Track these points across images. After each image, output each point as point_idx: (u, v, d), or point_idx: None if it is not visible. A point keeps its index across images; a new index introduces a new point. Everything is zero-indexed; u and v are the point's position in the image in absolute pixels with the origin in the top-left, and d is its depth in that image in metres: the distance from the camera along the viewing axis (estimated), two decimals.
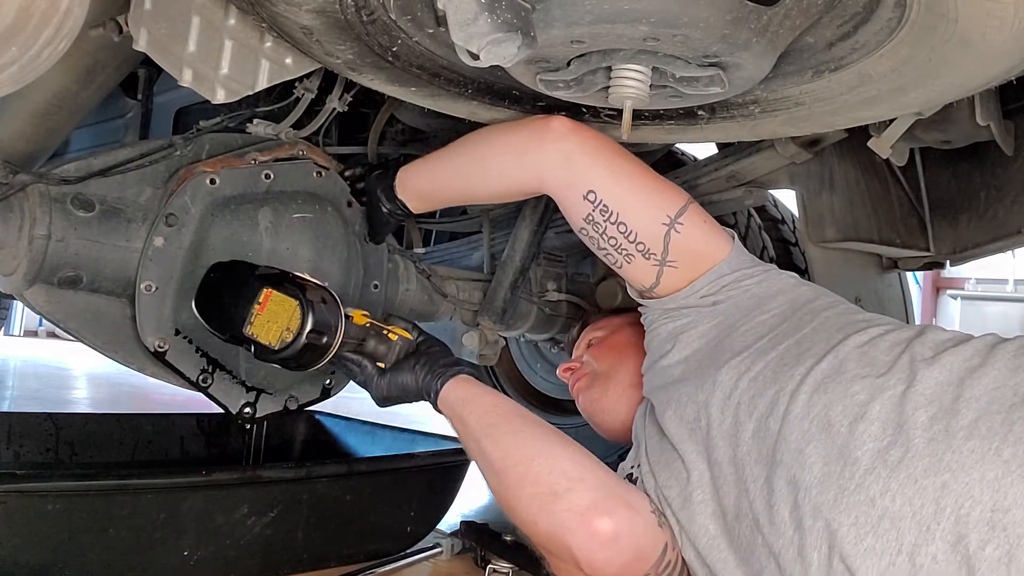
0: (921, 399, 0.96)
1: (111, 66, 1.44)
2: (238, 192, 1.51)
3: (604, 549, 1.06)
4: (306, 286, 1.29)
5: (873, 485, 0.92)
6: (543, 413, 2.59)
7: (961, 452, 0.89)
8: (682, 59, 1.02)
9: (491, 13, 0.86)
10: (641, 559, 1.09)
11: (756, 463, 1.05)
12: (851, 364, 1.05)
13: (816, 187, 1.77)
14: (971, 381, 0.96)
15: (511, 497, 1.13)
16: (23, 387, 5.10)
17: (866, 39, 1.05)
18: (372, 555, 1.68)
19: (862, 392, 1.00)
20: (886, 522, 0.90)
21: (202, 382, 1.50)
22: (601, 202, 1.30)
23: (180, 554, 1.41)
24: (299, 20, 1.08)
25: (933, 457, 0.90)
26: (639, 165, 1.36)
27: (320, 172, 1.61)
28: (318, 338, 1.27)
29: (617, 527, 1.07)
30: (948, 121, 1.49)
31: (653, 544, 1.11)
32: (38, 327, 9.39)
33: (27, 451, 1.90)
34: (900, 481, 0.91)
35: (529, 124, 1.37)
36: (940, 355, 1.02)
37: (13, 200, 1.34)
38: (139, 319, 1.43)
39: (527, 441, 1.16)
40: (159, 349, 1.44)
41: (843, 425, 0.98)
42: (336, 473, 1.66)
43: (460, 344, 2.07)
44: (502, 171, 1.42)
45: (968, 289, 9.03)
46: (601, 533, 1.06)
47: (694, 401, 1.17)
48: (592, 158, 1.32)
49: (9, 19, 0.78)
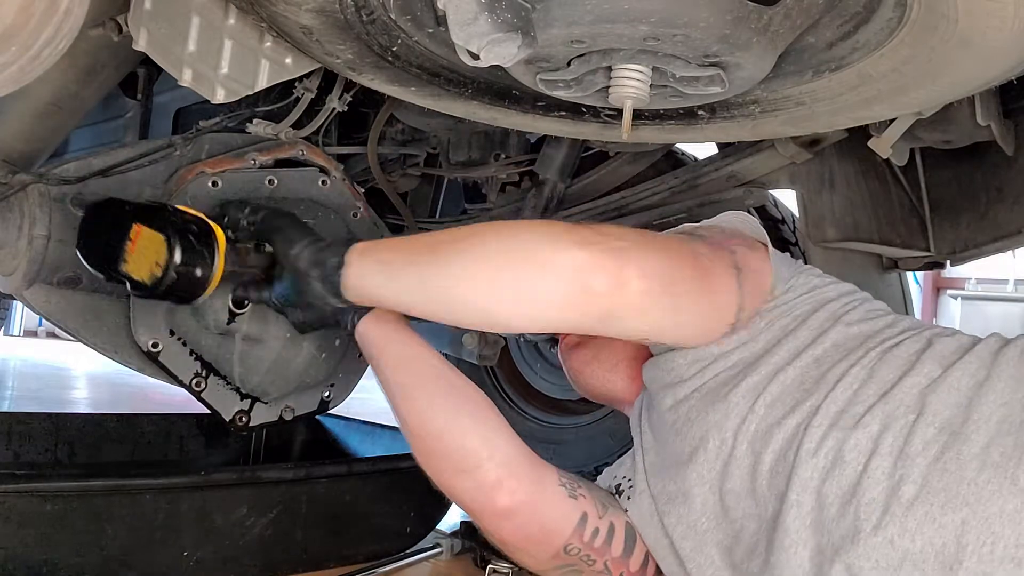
0: (931, 430, 0.94)
1: (111, 66, 1.43)
2: (240, 196, 1.47)
3: (506, 522, 1.13)
4: (178, 218, 1.25)
5: (890, 526, 0.90)
6: (543, 412, 2.59)
7: (977, 484, 0.88)
8: (682, 59, 1.02)
9: (491, 13, 0.86)
10: (551, 531, 1.14)
11: (772, 498, 1.03)
12: (865, 392, 1.02)
13: (816, 187, 1.77)
14: (979, 399, 0.95)
15: (424, 464, 1.19)
16: (23, 387, 5.10)
17: (866, 39, 1.05)
18: (372, 555, 1.68)
19: (874, 423, 0.98)
20: (908, 565, 0.88)
21: (195, 386, 1.49)
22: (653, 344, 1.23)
23: (179, 554, 1.41)
24: (299, 20, 1.08)
25: (948, 492, 0.89)
26: (693, 278, 1.13)
27: (325, 181, 1.58)
28: (189, 271, 1.22)
29: (518, 502, 1.12)
30: (948, 121, 1.49)
31: (563, 516, 1.15)
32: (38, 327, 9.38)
33: (27, 451, 1.91)
34: (918, 520, 0.89)
35: (538, 260, 1.06)
36: (948, 371, 1.00)
37: (13, 200, 1.34)
38: (132, 318, 1.42)
39: (439, 413, 1.17)
40: (152, 349, 1.43)
41: (858, 463, 0.96)
42: (336, 473, 1.66)
43: (460, 344, 2.07)
44: (498, 313, 1.13)
45: (968, 289, 9.02)
46: (502, 508, 1.12)
47: (704, 421, 1.12)
48: (641, 314, 1.09)
49: (9, 19, 0.78)
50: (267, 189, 1.52)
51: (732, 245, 1.19)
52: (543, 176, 1.98)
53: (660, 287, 1.08)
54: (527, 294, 1.08)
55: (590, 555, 1.16)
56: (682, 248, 1.15)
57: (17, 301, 1.61)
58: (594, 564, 1.17)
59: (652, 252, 1.10)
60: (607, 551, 1.17)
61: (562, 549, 1.15)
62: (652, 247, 1.12)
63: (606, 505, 1.20)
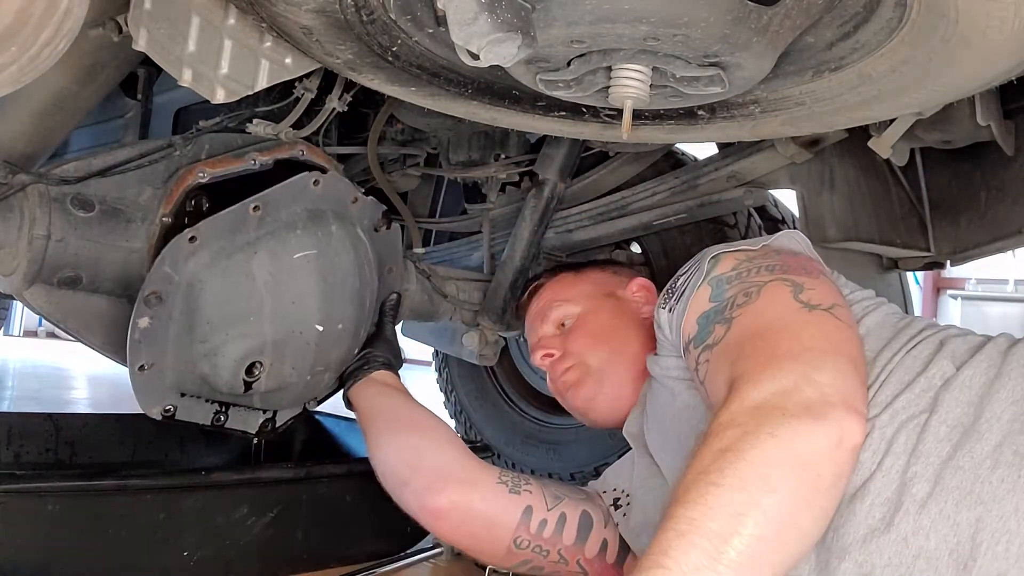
0: (943, 428, 0.95)
1: (111, 66, 1.43)
2: (224, 242, 1.36)
3: (444, 522, 1.23)
4: None
5: (904, 524, 0.90)
6: (543, 413, 2.59)
7: (991, 483, 0.88)
8: (682, 59, 1.02)
9: (491, 13, 0.86)
10: (493, 525, 1.23)
11: None
12: (881, 395, 1.02)
13: (816, 187, 1.77)
14: (990, 397, 0.95)
15: (383, 485, 1.33)
16: (23, 387, 5.10)
17: (866, 39, 1.05)
18: (372, 555, 1.68)
19: (889, 425, 0.98)
20: (922, 562, 0.88)
21: (216, 423, 1.50)
22: None
23: (180, 554, 1.41)
24: (299, 20, 1.08)
25: (962, 490, 0.89)
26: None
27: (317, 180, 1.46)
28: None
29: (450, 503, 1.22)
30: (948, 121, 1.49)
31: (503, 510, 1.23)
32: (38, 327, 9.39)
33: (27, 451, 1.91)
34: (932, 518, 0.89)
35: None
36: (961, 370, 1.00)
37: (13, 200, 1.34)
38: (138, 397, 1.39)
39: (386, 439, 1.36)
40: (166, 414, 1.42)
41: (873, 462, 0.96)
42: (336, 473, 1.66)
43: (460, 344, 2.07)
44: None
45: (968, 289, 9.02)
46: (436, 510, 1.23)
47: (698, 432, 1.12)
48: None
49: (8, 19, 0.78)
50: (254, 221, 1.38)
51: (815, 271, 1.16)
52: (543, 176, 1.98)
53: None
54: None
55: (541, 546, 1.23)
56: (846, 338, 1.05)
57: (17, 301, 1.60)
58: (548, 555, 1.24)
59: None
60: (558, 540, 1.23)
61: (512, 543, 1.22)
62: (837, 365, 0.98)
63: (559, 497, 1.26)
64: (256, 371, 1.43)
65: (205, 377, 1.41)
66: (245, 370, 1.43)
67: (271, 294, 1.40)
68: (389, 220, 1.62)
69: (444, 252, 2.43)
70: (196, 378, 1.41)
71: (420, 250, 2.03)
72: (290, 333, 1.44)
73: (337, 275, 1.47)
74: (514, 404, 2.68)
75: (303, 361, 1.47)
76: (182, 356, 1.39)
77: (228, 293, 1.38)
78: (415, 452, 1.31)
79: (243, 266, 1.38)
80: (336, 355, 1.52)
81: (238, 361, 1.41)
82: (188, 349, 1.38)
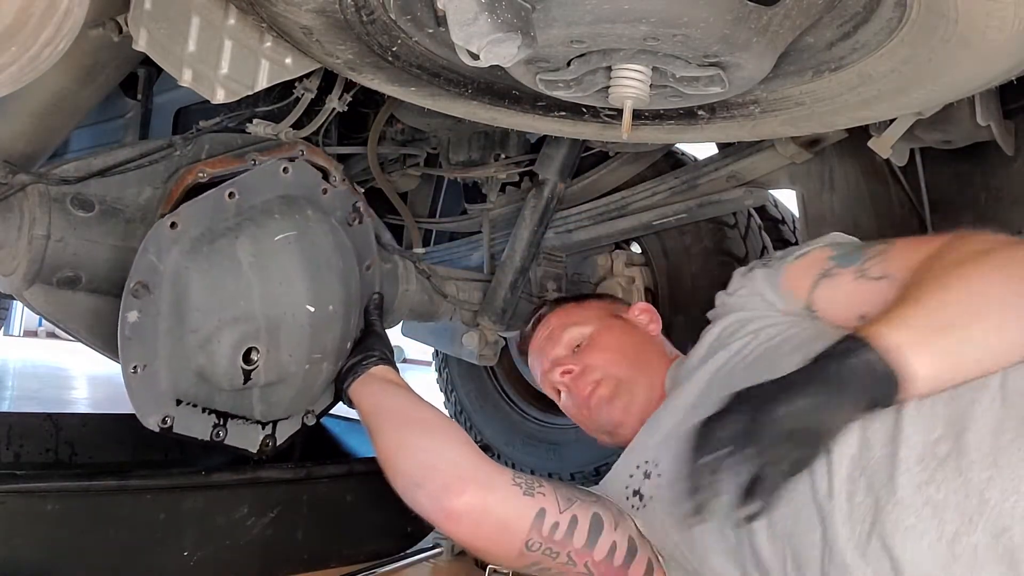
0: (967, 390, 0.97)
1: (111, 66, 1.43)
2: (206, 227, 1.37)
3: (460, 525, 1.21)
4: None
5: (921, 474, 0.94)
6: (543, 413, 2.59)
7: (1009, 451, 0.91)
8: (682, 59, 1.02)
9: (491, 13, 0.86)
10: (507, 528, 1.21)
11: None
12: None
13: (816, 187, 1.77)
14: (1014, 370, 0.97)
15: (395, 488, 1.29)
16: (23, 387, 5.10)
17: (866, 39, 1.05)
18: (372, 555, 1.68)
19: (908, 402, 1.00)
20: (928, 508, 0.92)
21: (215, 438, 1.48)
22: None
23: (180, 554, 1.41)
24: (299, 20, 1.08)
25: (980, 451, 0.92)
26: None
27: (287, 168, 1.48)
28: None
29: (466, 504, 1.20)
30: (948, 121, 1.49)
31: (518, 512, 1.21)
32: (38, 327, 9.39)
33: (27, 451, 1.91)
34: (946, 473, 0.93)
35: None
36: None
37: (13, 200, 1.34)
38: (134, 404, 1.37)
39: (396, 439, 1.34)
40: (164, 426, 1.40)
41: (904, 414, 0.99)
42: (336, 473, 1.66)
43: (460, 344, 2.07)
44: None
45: None
46: (452, 512, 1.20)
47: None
48: None
49: (8, 19, 0.78)
50: (231, 206, 1.41)
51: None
52: (543, 176, 1.98)
53: None
54: None
55: (552, 548, 1.22)
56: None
57: (17, 301, 1.60)
58: (557, 557, 1.23)
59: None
60: (569, 543, 1.23)
61: (524, 545, 1.21)
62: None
63: (571, 500, 1.25)
64: (254, 357, 1.42)
65: (202, 371, 1.40)
66: (243, 357, 1.41)
67: (257, 276, 1.40)
68: (360, 214, 1.61)
69: (444, 252, 2.43)
70: (193, 376, 1.40)
71: (420, 250, 2.03)
72: (282, 316, 1.44)
73: (320, 255, 1.48)
74: (514, 404, 2.68)
75: (299, 346, 1.46)
76: (176, 351, 1.37)
77: (215, 278, 1.38)
78: (428, 453, 1.29)
79: (227, 250, 1.39)
80: (331, 340, 1.50)
81: (234, 347, 1.39)
82: (181, 342, 1.37)
